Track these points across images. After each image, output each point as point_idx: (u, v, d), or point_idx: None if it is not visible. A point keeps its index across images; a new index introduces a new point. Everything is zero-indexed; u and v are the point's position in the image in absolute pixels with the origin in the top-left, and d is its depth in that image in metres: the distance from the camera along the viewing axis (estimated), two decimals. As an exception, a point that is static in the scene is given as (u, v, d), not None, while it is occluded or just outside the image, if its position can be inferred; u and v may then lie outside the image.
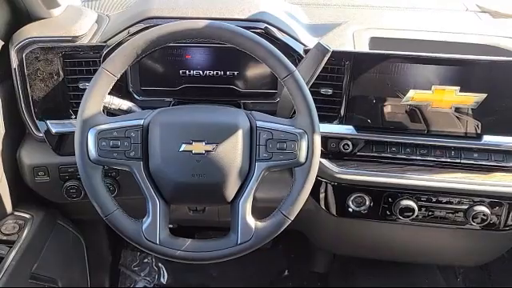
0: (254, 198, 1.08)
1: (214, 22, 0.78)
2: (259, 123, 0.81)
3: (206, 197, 0.83)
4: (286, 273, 1.68)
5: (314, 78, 0.88)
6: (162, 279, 1.65)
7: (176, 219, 1.30)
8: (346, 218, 1.07)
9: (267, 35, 0.95)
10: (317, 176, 1.04)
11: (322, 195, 1.06)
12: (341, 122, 1.00)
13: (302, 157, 0.80)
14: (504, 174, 1.00)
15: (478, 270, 1.71)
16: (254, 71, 1.05)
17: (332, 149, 1.02)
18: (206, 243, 0.81)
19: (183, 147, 0.78)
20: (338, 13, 1.13)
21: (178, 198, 0.81)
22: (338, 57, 0.95)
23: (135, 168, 0.79)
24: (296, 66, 0.83)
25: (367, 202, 1.03)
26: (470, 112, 0.97)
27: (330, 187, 1.04)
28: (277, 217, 0.81)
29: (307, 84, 0.86)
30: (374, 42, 1.03)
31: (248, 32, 0.79)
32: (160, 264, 1.67)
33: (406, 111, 0.99)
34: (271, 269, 1.71)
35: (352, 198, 1.03)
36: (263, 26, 0.95)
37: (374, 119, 1.00)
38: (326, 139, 1.02)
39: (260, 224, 0.81)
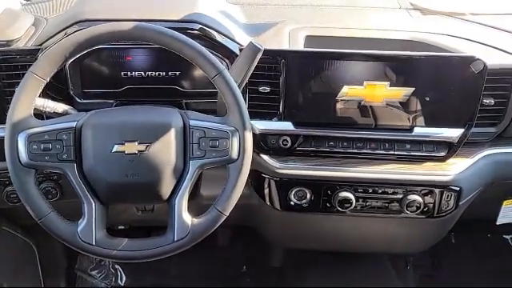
0: (200, 196, 1.12)
1: (141, 24, 0.80)
2: (192, 122, 0.83)
3: (141, 196, 0.84)
4: (245, 269, 1.71)
5: (248, 76, 0.90)
6: (119, 281, 1.65)
7: (126, 220, 1.31)
8: (289, 211, 1.10)
9: (202, 36, 0.97)
10: (259, 172, 1.09)
11: (265, 191, 1.09)
12: (280, 119, 1.03)
13: (234, 154, 0.82)
14: (435, 163, 1.05)
15: (428, 256, 1.79)
16: (196, 71, 1.07)
17: (272, 145, 1.05)
18: (143, 242, 0.83)
19: (116, 148, 0.79)
20: (277, 12, 1.16)
21: (113, 198, 0.82)
22: (274, 55, 0.98)
23: (68, 170, 0.79)
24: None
25: (308, 196, 1.06)
26: (401, 106, 1.01)
27: (272, 182, 1.07)
28: (212, 213, 0.83)
29: (241, 82, 0.88)
30: (310, 40, 1.06)
31: (175, 32, 0.81)
32: (117, 266, 1.67)
33: (342, 106, 1.02)
34: (230, 266, 1.73)
35: (294, 192, 1.06)
36: (198, 26, 0.97)
37: (312, 115, 1.04)
38: (266, 136, 1.05)
39: (196, 221, 0.83)
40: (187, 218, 0.83)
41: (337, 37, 1.07)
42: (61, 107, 0.92)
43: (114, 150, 0.79)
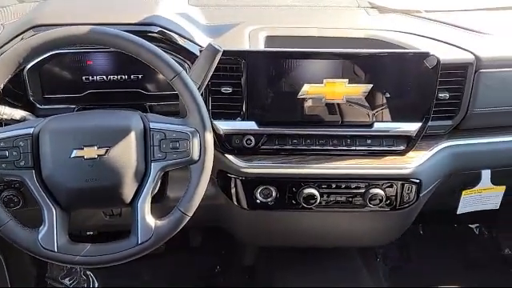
0: (167, 198, 1.12)
1: (96, 27, 0.80)
2: (152, 124, 0.83)
3: (103, 200, 0.84)
4: (218, 269, 1.72)
5: (208, 77, 0.91)
6: (91, 287, 1.63)
7: (94, 225, 1.30)
8: (256, 210, 1.11)
9: (162, 38, 0.98)
10: (225, 172, 1.10)
11: (232, 190, 1.10)
12: (243, 119, 1.04)
13: (195, 154, 0.83)
14: (395, 157, 1.08)
15: (397, 248, 1.83)
16: (159, 73, 1.06)
17: (236, 145, 1.06)
18: (107, 246, 0.83)
19: (74, 153, 0.79)
20: (238, 13, 1.17)
21: (74, 203, 0.82)
22: (234, 56, 0.99)
23: (26, 177, 0.78)
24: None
25: (273, 193, 1.08)
26: (361, 102, 1.04)
27: (238, 182, 1.08)
28: (175, 214, 0.84)
29: (202, 84, 0.89)
30: (270, 40, 1.08)
31: (131, 35, 0.81)
32: (89, 272, 1.65)
33: (303, 105, 1.04)
34: (203, 267, 1.73)
35: (259, 191, 1.08)
36: (157, 29, 0.97)
37: (275, 114, 1.05)
38: (230, 136, 1.06)
39: (159, 223, 0.84)
40: (150, 221, 0.83)
41: (296, 36, 1.08)
42: (19, 114, 0.90)
43: (72, 155, 0.79)
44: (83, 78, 1.04)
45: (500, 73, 1.06)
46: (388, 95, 1.04)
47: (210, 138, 0.84)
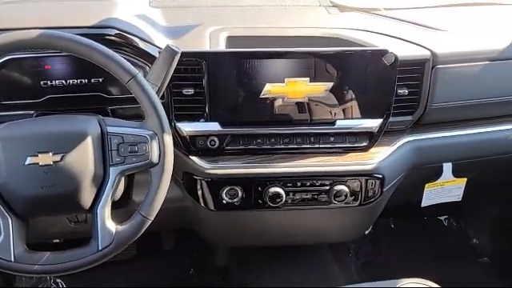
0: (132, 202, 1.11)
1: (47, 31, 0.78)
2: (110, 128, 0.82)
3: (61, 207, 0.83)
4: (192, 271, 1.71)
5: (168, 79, 0.90)
6: (62, 295, 1.61)
7: (59, 233, 1.27)
8: (223, 211, 1.11)
9: (121, 41, 0.97)
10: (191, 174, 1.09)
11: (198, 192, 1.10)
12: (207, 120, 1.04)
13: (155, 157, 0.82)
14: (358, 153, 1.09)
15: (369, 243, 1.86)
16: (118, 76, 1.06)
17: (200, 146, 1.06)
18: (67, 254, 0.81)
19: (29, 160, 0.77)
20: (199, 14, 1.17)
21: (31, 211, 0.80)
22: (193, 57, 0.98)
23: None
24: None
25: (239, 194, 1.08)
26: (323, 100, 1.05)
27: (204, 183, 1.08)
28: (136, 218, 0.83)
29: (161, 86, 0.89)
30: (231, 40, 1.08)
31: (83, 39, 0.80)
32: (59, 280, 1.62)
33: (266, 104, 1.04)
34: (177, 269, 1.72)
35: (225, 191, 1.08)
36: (114, 32, 0.96)
37: (238, 114, 1.05)
38: (193, 137, 1.05)
39: (120, 227, 0.83)
40: (111, 226, 0.82)
41: (258, 36, 1.09)
42: None
43: (27, 163, 0.77)
44: (41, 82, 1.02)
45: (456, 68, 1.08)
46: (349, 92, 1.05)
47: (169, 140, 0.84)
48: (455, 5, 1.27)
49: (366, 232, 1.91)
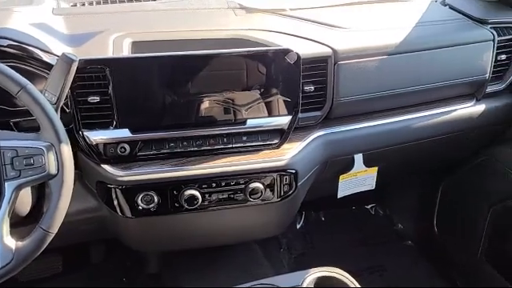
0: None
1: None
2: (2, 143, 0.79)
3: None
4: (124, 281, 1.68)
5: (67, 88, 0.88)
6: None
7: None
8: (141, 217, 1.10)
9: (15, 52, 0.93)
10: (104, 183, 1.07)
11: (113, 200, 1.08)
12: (116, 127, 1.02)
13: (53, 169, 0.80)
14: (271, 150, 1.12)
15: (301, 236, 1.92)
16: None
17: (111, 154, 1.04)
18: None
19: None
20: (103, 21, 1.15)
21: None
22: (96, 64, 0.97)
23: None
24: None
25: (155, 199, 1.07)
26: (234, 100, 1.06)
27: (118, 191, 1.06)
28: (37, 233, 0.81)
29: (60, 96, 0.87)
30: (136, 46, 1.07)
31: None
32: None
33: (176, 107, 1.05)
34: (110, 280, 1.68)
35: (140, 198, 1.06)
36: (6, 42, 0.93)
37: (148, 119, 1.05)
38: (104, 145, 1.03)
39: (21, 243, 0.80)
40: (10, 242, 0.79)
41: (163, 40, 1.09)
42: None
43: None
44: None
45: (357, 63, 1.14)
46: (258, 92, 1.07)
47: (67, 150, 0.82)
48: (358, 3, 1.34)
49: (298, 226, 1.97)
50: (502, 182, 1.42)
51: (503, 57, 1.30)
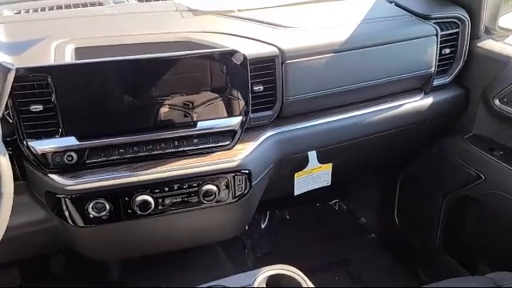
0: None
1: None
2: None
3: None
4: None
5: (5, 98, 0.85)
6: None
7: None
8: (94, 226, 1.09)
9: None
10: (52, 193, 1.05)
11: (64, 211, 1.06)
12: (61, 135, 1.00)
13: None
14: (223, 152, 1.12)
15: (266, 235, 1.93)
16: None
17: (58, 163, 1.02)
18: None
19: None
20: (47, 27, 1.12)
21: None
22: (36, 72, 0.95)
23: None
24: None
25: (107, 206, 1.06)
26: (182, 103, 1.06)
27: (68, 201, 1.04)
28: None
29: (-1, 106, 0.84)
30: (80, 52, 1.05)
31: None
32: None
33: (124, 112, 1.03)
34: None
35: (91, 206, 1.05)
36: None
37: (95, 126, 1.03)
38: (49, 155, 1.01)
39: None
40: None
41: (109, 45, 1.07)
42: None
43: None
44: None
45: (304, 62, 1.15)
46: (208, 94, 1.07)
47: (4, 161, 0.80)
48: (305, 2, 1.35)
49: (263, 226, 1.98)
50: (454, 172, 1.46)
51: (447, 51, 1.34)
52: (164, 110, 1.06)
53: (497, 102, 1.31)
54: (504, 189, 1.29)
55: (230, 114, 1.10)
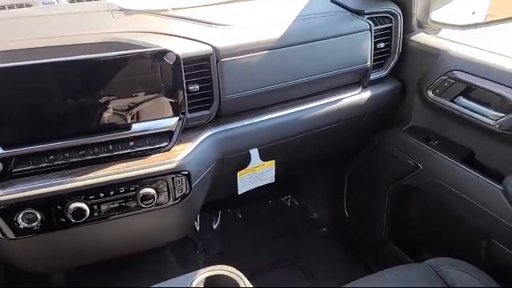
0: None
1: None
2: None
3: None
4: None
5: None
6: None
7: None
8: (26, 237, 1.04)
9: None
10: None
11: (-9, 223, 1.01)
12: (-15, 144, 0.96)
13: None
14: (162, 154, 1.10)
15: (218, 235, 1.91)
16: None
17: (-18, 173, 0.97)
18: None
19: None
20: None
21: None
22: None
23: None
24: None
25: (38, 216, 1.01)
26: (117, 105, 1.02)
27: (-5, 212, 0.99)
28: None
29: None
30: (3, 55, 1.00)
31: None
32: None
33: (53, 117, 0.99)
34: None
35: (21, 216, 1.00)
36: None
37: (21, 133, 0.98)
38: (-28, 165, 0.96)
39: None
40: None
41: (35, 48, 1.02)
42: None
43: None
44: None
45: (239, 60, 1.14)
46: (141, 95, 1.04)
47: None
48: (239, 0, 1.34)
49: (215, 226, 1.97)
50: (394, 163, 1.50)
51: (382, 45, 1.37)
52: (96, 113, 1.02)
53: (430, 93, 1.35)
54: (440, 177, 1.33)
55: (166, 114, 1.08)
